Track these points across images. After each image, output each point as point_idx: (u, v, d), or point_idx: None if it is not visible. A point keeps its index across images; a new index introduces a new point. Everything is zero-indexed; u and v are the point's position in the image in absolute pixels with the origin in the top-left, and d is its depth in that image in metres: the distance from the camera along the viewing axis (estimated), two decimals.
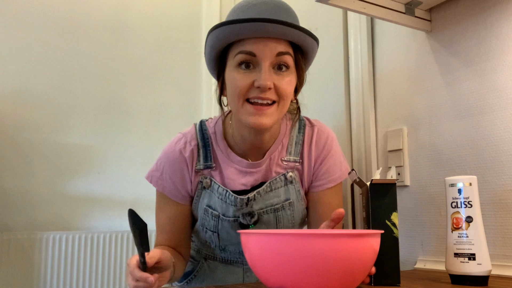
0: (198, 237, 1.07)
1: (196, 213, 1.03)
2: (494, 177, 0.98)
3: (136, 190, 1.99)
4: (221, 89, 0.96)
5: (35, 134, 1.85)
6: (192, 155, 0.99)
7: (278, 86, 0.87)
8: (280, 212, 0.99)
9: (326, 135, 1.03)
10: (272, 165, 1.00)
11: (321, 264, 0.58)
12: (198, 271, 1.10)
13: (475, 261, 0.78)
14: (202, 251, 1.09)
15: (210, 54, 0.93)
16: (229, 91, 0.91)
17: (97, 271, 1.83)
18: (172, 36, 2.22)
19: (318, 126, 1.04)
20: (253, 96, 0.87)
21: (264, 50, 0.86)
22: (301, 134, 1.02)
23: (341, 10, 1.42)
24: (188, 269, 1.11)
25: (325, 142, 1.02)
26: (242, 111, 0.88)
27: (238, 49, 0.87)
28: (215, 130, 1.01)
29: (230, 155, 0.99)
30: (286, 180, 0.99)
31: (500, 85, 0.98)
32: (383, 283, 0.78)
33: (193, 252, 1.11)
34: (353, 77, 1.37)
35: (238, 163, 0.98)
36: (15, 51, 1.85)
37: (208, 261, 1.09)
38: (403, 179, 1.19)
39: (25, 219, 1.80)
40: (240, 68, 0.88)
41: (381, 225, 0.79)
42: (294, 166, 1.01)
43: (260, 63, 0.86)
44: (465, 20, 1.06)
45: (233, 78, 0.88)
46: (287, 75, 0.89)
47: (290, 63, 0.89)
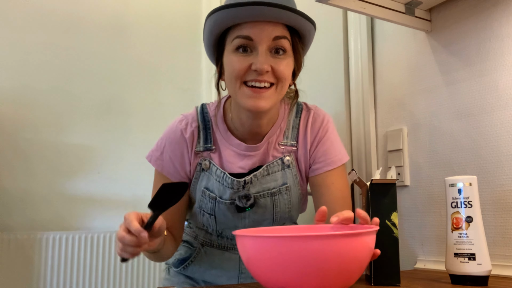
0: (196, 221, 1.08)
1: (193, 195, 1.03)
2: (494, 177, 0.98)
3: (136, 190, 1.99)
4: (219, 73, 0.97)
5: (35, 134, 1.85)
6: (192, 137, 1.00)
7: (275, 69, 0.88)
8: (277, 196, 1.00)
9: (321, 118, 1.04)
10: (270, 149, 1.01)
11: (317, 264, 0.58)
12: (195, 257, 1.09)
13: (475, 261, 0.78)
14: (199, 237, 1.09)
15: (208, 39, 0.94)
16: (227, 74, 0.92)
17: (97, 271, 1.83)
18: (172, 36, 2.22)
19: (314, 109, 1.05)
20: (250, 79, 0.88)
21: (261, 34, 0.87)
22: (298, 118, 1.03)
23: (341, 10, 1.42)
24: (186, 255, 1.10)
25: (321, 125, 1.03)
26: (239, 93, 0.90)
27: (235, 33, 0.89)
28: (215, 113, 1.02)
29: (229, 138, 1.00)
30: (283, 164, 1.00)
31: (500, 85, 0.98)
32: (383, 283, 0.78)
33: (190, 238, 1.11)
34: (353, 77, 1.37)
35: (237, 146, 0.99)
36: (15, 51, 1.85)
37: (205, 248, 1.09)
38: (403, 179, 1.19)
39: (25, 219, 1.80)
40: (238, 52, 0.89)
41: (381, 225, 0.79)
42: (291, 150, 1.02)
43: (257, 47, 0.88)
44: (465, 20, 1.06)
45: (231, 61, 0.90)
46: (284, 59, 0.90)
47: (287, 47, 0.90)
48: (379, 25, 1.31)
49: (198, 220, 1.06)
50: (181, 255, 1.11)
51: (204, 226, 1.06)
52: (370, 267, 0.80)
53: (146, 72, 2.11)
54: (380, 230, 0.79)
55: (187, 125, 1.01)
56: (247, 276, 1.07)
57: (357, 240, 0.60)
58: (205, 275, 1.09)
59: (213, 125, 1.01)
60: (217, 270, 1.08)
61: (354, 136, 1.36)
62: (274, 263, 0.60)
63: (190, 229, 1.12)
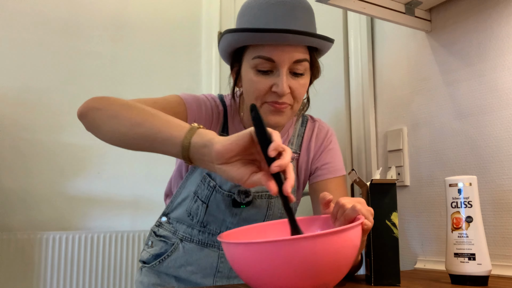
0: (181, 210, 1.06)
1: (190, 176, 1.03)
2: (494, 177, 0.98)
3: (136, 190, 1.99)
4: (235, 80, 0.99)
5: (35, 134, 1.86)
6: (218, 118, 1.02)
7: (293, 90, 0.91)
8: (273, 199, 1.02)
9: (326, 129, 1.09)
10: None
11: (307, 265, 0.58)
12: (172, 252, 1.06)
13: (475, 261, 0.78)
14: (179, 233, 1.06)
15: (225, 50, 0.95)
16: (247, 90, 0.94)
17: (97, 271, 1.83)
18: (172, 36, 2.22)
19: (319, 121, 1.11)
20: (270, 100, 0.90)
21: (282, 57, 0.88)
22: (303, 127, 1.08)
23: (341, 10, 1.42)
24: (161, 250, 1.07)
25: (325, 136, 1.08)
26: (261, 110, 0.92)
27: (256, 52, 0.90)
28: (231, 104, 1.04)
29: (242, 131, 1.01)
30: None
31: (500, 85, 0.98)
32: (383, 283, 0.78)
33: (168, 233, 1.07)
34: (353, 77, 1.37)
35: None
36: (15, 51, 1.85)
37: (184, 243, 1.05)
38: (403, 179, 1.19)
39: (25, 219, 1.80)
40: (258, 71, 0.90)
41: (381, 225, 0.79)
42: (293, 157, 1.05)
43: (279, 69, 0.89)
44: (465, 20, 1.06)
45: (251, 80, 0.91)
46: (302, 79, 0.93)
47: (307, 67, 0.93)
48: (379, 25, 1.31)
49: (186, 208, 1.04)
50: (156, 251, 1.07)
51: (190, 215, 1.03)
52: (370, 267, 0.80)
53: (146, 72, 2.11)
54: (380, 230, 0.79)
55: (218, 105, 1.02)
56: (223, 276, 1.06)
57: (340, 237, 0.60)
58: (179, 271, 1.05)
59: (229, 116, 1.03)
60: (193, 267, 1.05)
61: (354, 136, 1.36)
62: (261, 268, 0.60)
63: (169, 224, 1.08)
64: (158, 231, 1.08)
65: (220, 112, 1.02)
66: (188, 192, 1.04)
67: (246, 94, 0.95)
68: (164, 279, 1.06)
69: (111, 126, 0.81)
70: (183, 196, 1.06)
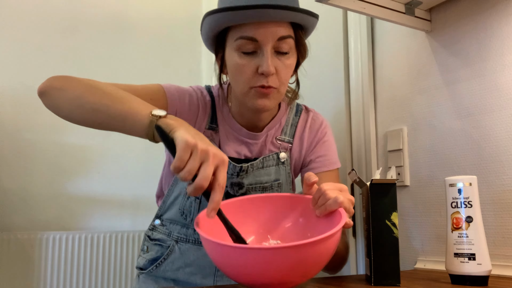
0: (174, 210, 1.03)
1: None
2: (494, 177, 0.98)
3: (136, 190, 1.99)
4: (220, 67, 0.97)
5: (35, 134, 1.85)
6: (205, 110, 1.00)
7: (279, 71, 0.89)
8: (268, 191, 1.01)
9: (320, 121, 1.07)
10: (268, 142, 1.02)
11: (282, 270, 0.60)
12: (168, 255, 1.03)
13: (475, 261, 0.78)
14: (173, 234, 1.03)
15: (207, 35, 0.93)
16: (233, 75, 0.92)
17: (97, 271, 1.83)
18: (172, 36, 2.22)
19: (313, 112, 1.09)
20: (258, 85, 0.88)
21: (265, 35, 0.86)
22: (297, 117, 1.06)
23: (341, 10, 1.42)
24: (157, 254, 1.03)
25: (319, 127, 1.06)
26: (248, 96, 0.91)
27: (238, 33, 0.87)
28: (218, 94, 1.02)
29: (231, 121, 1.00)
30: (278, 160, 1.01)
31: (500, 85, 0.98)
32: (383, 283, 0.78)
33: (163, 236, 1.04)
34: (353, 77, 1.37)
35: (238, 131, 1.00)
36: (15, 51, 1.85)
37: (180, 244, 1.02)
38: (403, 179, 1.19)
39: (25, 219, 1.80)
40: (242, 52, 0.88)
41: (381, 225, 0.79)
42: (287, 147, 1.03)
43: (262, 48, 0.87)
44: (465, 20, 1.06)
45: (237, 64, 0.89)
46: (288, 58, 0.90)
47: (292, 45, 0.90)
48: (379, 25, 1.31)
49: (179, 207, 1.01)
50: (152, 256, 1.04)
51: (183, 214, 1.01)
52: (370, 267, 0.80)
53: (146, 72, 2.11)
54: (380, 230, 0.79)
55: (204, 96, 1.01)
56: (224, 274, 1.00)
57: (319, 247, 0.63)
58: (178, 274, 1.02)
59: (217, 106, 1.01)
60: (191, 268, 1.01)
61: (354, 136, 1.36)
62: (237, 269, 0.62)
63: (162, 226, 1.05)
64: (152, 235, 1.05)
65: (207, 103, 1.00)
66: (180, 190, 1.01)
67: (232, 79, 0.93)
68: (163, 284, 1.04)
69: (72, 108, 0.81)
70: (175, 195, 1.03)
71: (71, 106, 0.81)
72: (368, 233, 0.81)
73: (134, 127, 0.76)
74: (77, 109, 0.81)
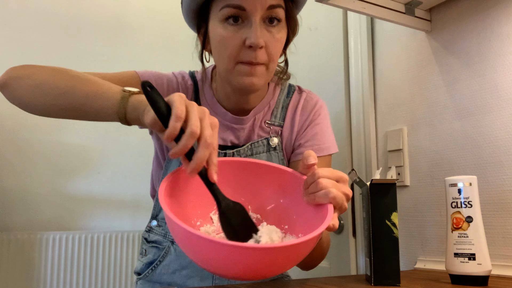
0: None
1: (170, 163, 0.94)
2: (494, 177, 0.98)
3: (136, 190, 1.99)
4: (203, 43, 0.88)
5: (35, 134, 1.85)
6: (186, 94, 0.92)
7: (268, 45, 0.81)
8: None
9: (314, 101, 0.98)
10: (256, 126, 0.94)
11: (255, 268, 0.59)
12: (164, 257, 0.95)
13: (475, 261, 0.78)
14: (169, 234, 0.95)
15: (189, 7, 0.85)
16: (217, 50, 0.83)
17: (97, 271, 1.83)
18: (172, 36, 2.22)
19: (308, 92, 0.99)
20: (245, 60, 0.80)
21: (254, 3, 0.78)
22: (288, 98, 0.97)
23: (341, 10, 1.42)
24: (154, 257, 0.96)
25: (313, 108, 0.96)
26: (233, 73, 0.82)
27: (224, 2, 0.79)
28: (202, 78, 0.95)
29: (215, 106, 0.93)
30: (269, 146, 0.93)
31: (500, 85, 0.98)
32: (383, 283, 0.78)
33: (159, 237, 0.96)
34: (353, 77, 1.37)
35: (222, 115, 0.92)
36: (15, 51, 1.85)
37: (175, 245, 0.94)
38: (403, 179, 1.19)
39: (25, 219, 1.80)
40: (227, 23, 0.80)
41: (381, 225, 0.79)
42: (278, 132, 0.95)
43: (250, 18, 0.79)
44: (465, 20, 1.06)
45: (221, 36, 0.81)
46: (278, 31, 0.83)
47: (282, 16, 0.83)
48: (379, 25, 1.31)
49: None
50: (149, 259, 0.97)
51: None
52: (370, 267, 0.80)
53: None
54: (380, 230, 0.79)
55: (185, 80, 0.94)
56: (223, 278, 0.93)
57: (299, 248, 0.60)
58: (174, 277, 0.94)
59: (200, 90, 0.94)
60: (188, 270, 0.93)
61: (354, 136, 1.36)
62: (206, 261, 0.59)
63: (159, 227, 0.97)
64: (149, 237, 0.98)
65: (189, 88, 0.93)
66: None
67: (216, 55, 0.84)
68: None
69: (36, 96, 0.75)
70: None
71: (34, 94, 0.75)
72: (368, 233, 0.81)
73: (104, 107, 0.70)
74: (41, 97, 0.74)
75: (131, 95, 0.70)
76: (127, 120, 0.70)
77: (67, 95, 0.73)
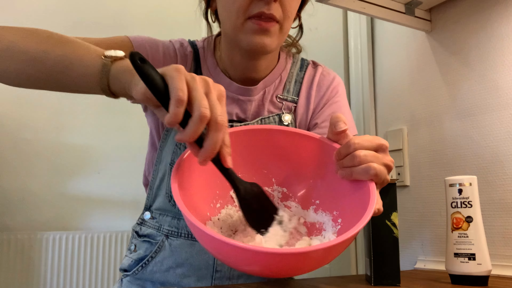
0: (162, 196, 0.85)
1: (165, 144, 0.84)
2: (494, 177, 0.98)
3: (136, 190, 1.99)
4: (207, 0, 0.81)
5: (35, 134, 1.86)
6: (186, 62, 0.82)
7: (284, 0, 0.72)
8: None
9: (332, 77, 0.88)
10: (266, 100, 0.84)
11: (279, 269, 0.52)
12: (157, 252, 0.84)
13: (475, 261, 0.78)
14: (163, 227, 0.85)
15: None
16: (223, 4, 0.75)
17: (97, 271, 1.83)
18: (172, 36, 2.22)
19: (324, 67, 0.90)
20: (255, 13, 0.71)
21: None
22: (302, 72, 0.88)
23: (341, 10, 1.42)
24: (145, 253, 0.86)
25: (330, 84, 0.87)
26: (242, 30, 0.73)
27: None
28: (204, 45, 0.85)
29: (218, 75, 0.83)
30: (281, 123, 0.83)
31: (500, 85, 0.98)
32: (383, 283, 0.78)
33: (152, 230, 0.86)
34: (353, 77, 1.37)
35: (227, 86, 0.82)
36: None
37: (171, 239, 0.84)
38: (403, 179, 1.19)
39: (25, 219, 1.80)
40: None
41: (381, 225, 0.79)
42: (291, 108, 0.85)
43: None
44: (465, 20, 1.06)
45: None
46: None
47: None
48: (379, 25, 1.31)
49: (165, 191, 0.84)
50: (140, 255, 0.86)
51: (171, 199, 0.83)
52: (370, 267, 0.80)
53: None
54: (380, 230, 0.79)
55: (183, 46, 0.84)
56: (223, 276, 0.84)
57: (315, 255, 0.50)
58: (167, 276, 0.84)
59: (201, 58, 0.84)
60: (183, 269, 0.83)
61: None
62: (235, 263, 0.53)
63: (152, 219, 0.87)
64: (141, 230, 0.88)
65: (189, 55, 0.84)
66: (165, 166, 0.83)
67: (223, 11, 0.75)
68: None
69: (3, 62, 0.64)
70: (160, 175, 0.85)
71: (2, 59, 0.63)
72: (368, 233, 0.81)
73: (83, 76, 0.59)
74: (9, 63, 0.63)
75: (114, 61, 0.59)
76: (111, 91, 0.60)
77: (38, 61, 0.62)
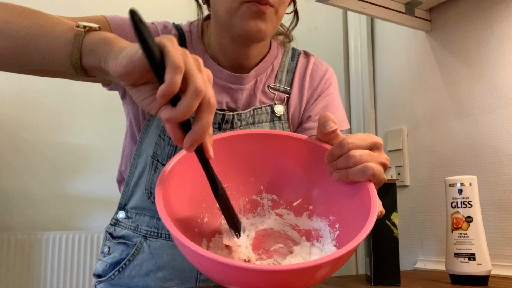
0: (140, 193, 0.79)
1: (146, 135, 0.79)
2: (494, 177, 0.98)
3: None
4: None
5: (35, 134, 1.85)
6: None
7: None
8: None
9: (325, 68, 0.86)
10: (257, 90, 0.80)
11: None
12: (135, 255, 0.78)
13: (475, 261, 0.78)
14: (141, 228, 0.79)
15: None
16: None
17: None
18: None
19: (316, 58, 0.87)
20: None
21: None
22: (294, 62, 0.85)
23: (341, 10, 1.42)
24: (121, 256, 0.79)
25: (323, 75, 0.85)
26: (238, 14, 0.69)
27: None
28: (190, 30, 0.81)
29: (207, 62, 0.78)
30: (273, 115, 0.80)
31: (500, 85, 0.98)
32: (383, 283, 0.78)
33: (129, 231, 0.80)
34: (353, 77, 1.37)
35: (217, 73, 0.77)
36: None
37: (150, 241, 0.78)
38: (403, 179, 1.19)
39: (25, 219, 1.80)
40: None
41: (381, 225, 0.79)
42: (283, 99, 0.82)
43: None
44: (465, 20, 1.06)
45: None
46: None
47: None
48: (379, 25, 1.31)
49: (145, 187, 0.78)
50: (115, 258, 0.80)
51: (151, 196, 0.77)
52: (370, 267, 0.80)
53: None
54: (380, 230, 0.79)
55: (166, 29, 0.78)
56: (209, 279, 0.78)
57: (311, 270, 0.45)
58: (147, 280, 0.78)
59: (188, 43, 0.79)
60: (165, 272, 0.78)
61: None
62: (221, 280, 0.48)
63: (128, 219, 0.80)
64: (115, 231, 0.81)
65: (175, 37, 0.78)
66: (146, 160, 0.77)
67: None
68: None
69: None
70: (140, 169, 0.78)
71: None
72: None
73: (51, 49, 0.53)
74: None
75: (88, 32, 0.52)
76: (83, 67, 0.53)
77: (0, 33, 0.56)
